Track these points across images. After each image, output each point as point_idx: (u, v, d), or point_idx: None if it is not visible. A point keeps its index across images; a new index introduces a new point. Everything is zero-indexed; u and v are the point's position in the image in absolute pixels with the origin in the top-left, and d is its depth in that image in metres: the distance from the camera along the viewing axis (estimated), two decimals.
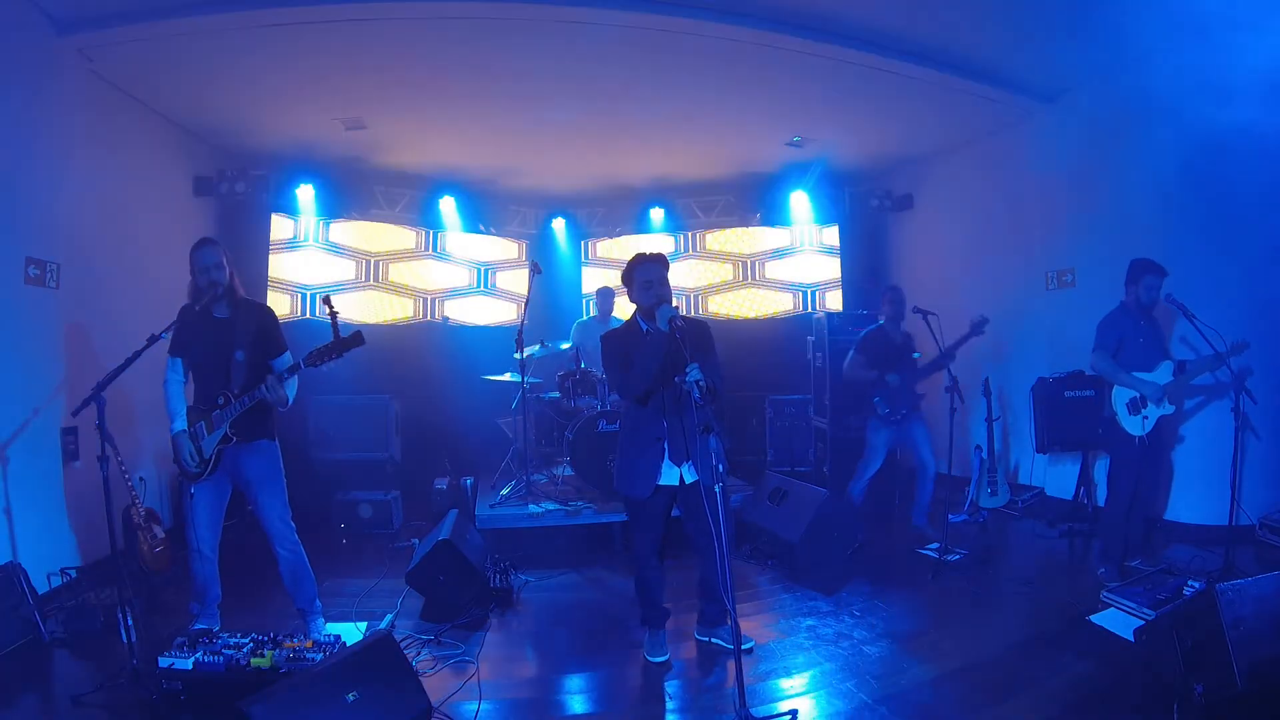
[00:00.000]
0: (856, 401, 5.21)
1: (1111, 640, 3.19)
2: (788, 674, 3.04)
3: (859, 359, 4.92)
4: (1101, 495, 4.82)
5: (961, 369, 4.66)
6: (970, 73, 4.87)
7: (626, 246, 7.97)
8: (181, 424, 3.16)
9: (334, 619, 3.56)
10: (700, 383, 2.64)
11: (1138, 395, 3.93)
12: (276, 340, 3.28)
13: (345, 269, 7.03)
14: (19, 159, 3.72)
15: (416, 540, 4.66)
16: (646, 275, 3.03)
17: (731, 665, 2.55)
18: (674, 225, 7.89)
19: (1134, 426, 3.91)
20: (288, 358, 3.26)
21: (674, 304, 2.98)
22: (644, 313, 3.06)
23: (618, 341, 3.11)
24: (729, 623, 2.67)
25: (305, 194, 6.43)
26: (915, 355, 4.97)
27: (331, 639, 2.99)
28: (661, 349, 2.88)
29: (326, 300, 3.03)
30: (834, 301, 7.58)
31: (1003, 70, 4.91)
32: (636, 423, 3.08)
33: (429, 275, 7.54)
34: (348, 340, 2.97)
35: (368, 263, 7.16)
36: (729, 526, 2.73)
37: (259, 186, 6.10)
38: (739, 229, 7.88)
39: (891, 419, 4.81)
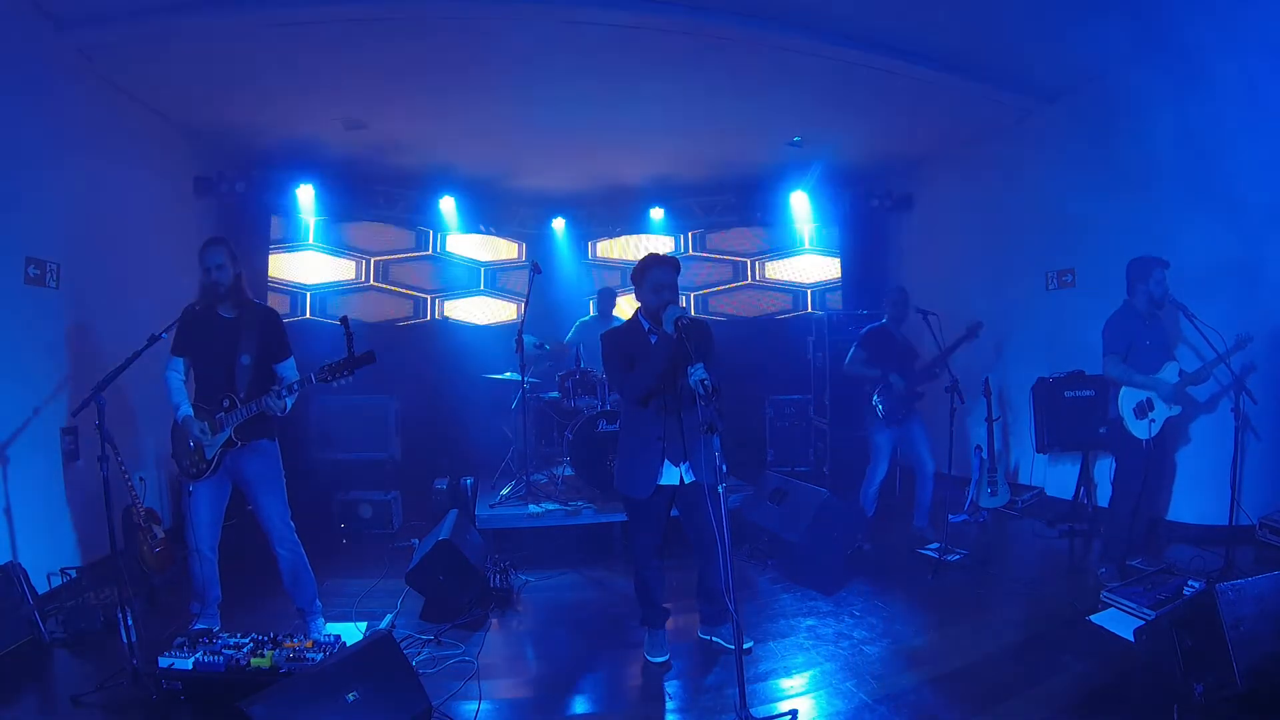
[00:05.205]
0: (857, 406, 5.16)
1: (1111, 640, 3.18)
2: (788, 674, 3.04)
3: (860, 354, 4.88)
4: (1101, 495, 4.83)
5: (961, 369, 4.66)
6: (970, 73, 4.87)
7: (627, 246, 7.99)
8: (188, 409, 3.15)
9: (334, 619, 3.56)
10: (705, 382, 2.62)
11: (1145, 398, 3.89)
12: (281, 345, 3.29)
13: (345, 269, 7.03)
14: (19, 159, 3.72)
15: (416, 540, 4.66)
16: (659, 279, 3.00)
17: (732, 665, 2.55)
18: (674, 225, 7.88)
19: (1140, 430, 3.88)
20: (292, 363, 3.29)
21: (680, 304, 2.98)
22: (649, 314, 3.05)
23: (619, 341, 3.10)
24: (729, 622, 2.66)
25: (305, 194, 6.43)
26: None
27: (331, 639, 3.00)
28: (667, 352, 2.87)
29: (344, 320, 3.06)
30: (834, 301, 7.58)
31: (1003, 70, 4.90)
32: (636, 423, 3.07)
33: (429, 275, 7.53)
34: (360, 359, 3.01)
35: (368, 263, 7.17)
36: (728, 526, 2.73)
37: (259, 186, 6.12)
38: (739, 229, 7.87)
39: (891, 420, 4.77)
